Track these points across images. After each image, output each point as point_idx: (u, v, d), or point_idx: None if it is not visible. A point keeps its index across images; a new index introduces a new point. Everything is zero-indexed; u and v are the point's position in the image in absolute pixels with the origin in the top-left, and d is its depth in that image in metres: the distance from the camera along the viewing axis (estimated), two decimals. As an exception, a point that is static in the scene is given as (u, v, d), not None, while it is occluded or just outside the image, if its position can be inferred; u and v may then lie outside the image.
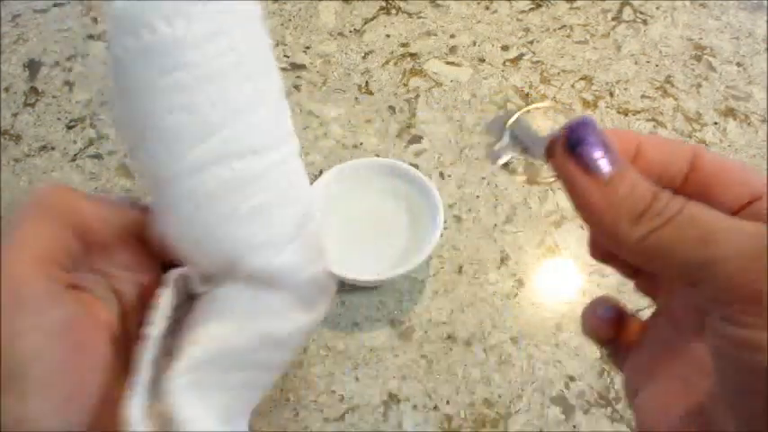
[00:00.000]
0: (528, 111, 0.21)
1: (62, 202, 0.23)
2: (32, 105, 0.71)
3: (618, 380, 0.50)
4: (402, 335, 0.52)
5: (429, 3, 0.79)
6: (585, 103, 0.69)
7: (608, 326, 0.26)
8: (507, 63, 0.73)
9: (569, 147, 0.19)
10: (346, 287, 0.53)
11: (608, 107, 0.68)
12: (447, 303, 0.54)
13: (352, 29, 0.77)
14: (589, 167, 0.18)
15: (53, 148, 0.66)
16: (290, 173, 0.26)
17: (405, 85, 0.71)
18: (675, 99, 0.69)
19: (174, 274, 0.24)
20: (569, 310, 0.53)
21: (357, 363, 0.50)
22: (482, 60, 0.73)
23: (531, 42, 0.75)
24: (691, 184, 0.21)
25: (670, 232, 0.17)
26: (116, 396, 0.22)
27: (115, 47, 0.22)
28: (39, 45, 0.77)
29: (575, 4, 0.79)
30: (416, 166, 0.60)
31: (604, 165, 0.18)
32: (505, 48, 0.75)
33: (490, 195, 0.61)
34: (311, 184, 0.55)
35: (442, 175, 0.63)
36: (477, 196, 0.61)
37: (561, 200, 0.61)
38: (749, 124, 0.67)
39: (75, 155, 0.66)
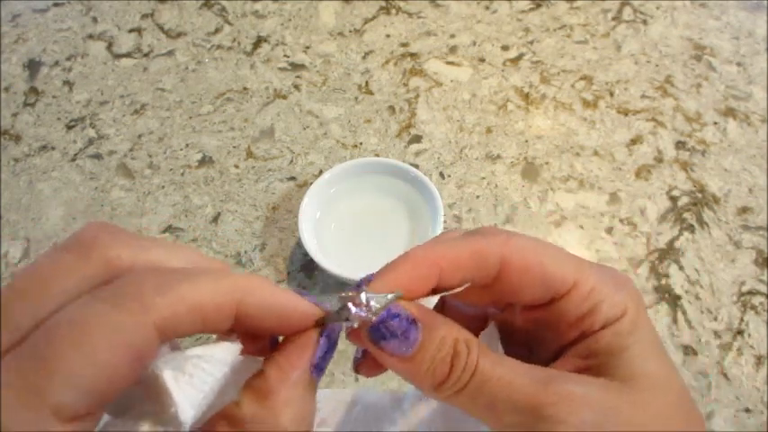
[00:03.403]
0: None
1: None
2: (32, 105, 0.71)
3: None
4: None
5: (429, 3, 0.79)
6: (585, 103, 0.69)
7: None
8: (507, 63, 0.73)
9: (374, 341, 0.20)
10: (347, 287, 0.53)
11: (608, 107, 0.68)
12: (447, 303, 0.54)
13: (352, 29, 0.77)
14: (393, 354, 0.20)
15: (53, 148, 0.67)
16: None
17: (405, 85, 0.71)
18: (675, 99, 0.69)
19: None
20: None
21: (357, 363, 0.51)
22: (482, 60, 0.73)
23: (531, 42, 0.75)
24: (498, 291, 0.22)
25: (463, 399, 0.20)
26: None
27: None
28: (39, 45, 0.77)
29: (575, 4, 0.79)
30: (416, 166, 0.60)
31: (406, 350, 0.20)
32: (505, 48, 0.75)
33: (490, 195, 0.61)
34: (311, 184, 0.55)
35: (442, 175, 0.63)
36: (478, 196, 0.61)
37: (561, 200, 0.61)
38: (749, 124, 0.67)
39: (74, 155, 0.66)
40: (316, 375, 0.20)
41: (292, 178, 0.63)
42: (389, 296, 0.21)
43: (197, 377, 0.18)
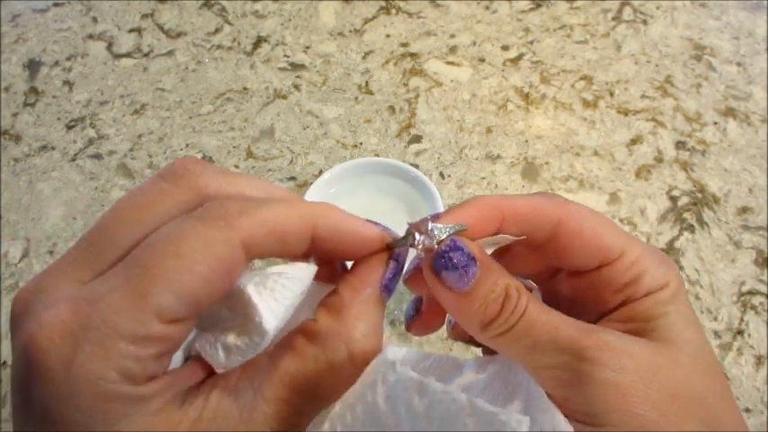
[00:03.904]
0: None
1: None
2: (32, 105, 0.71)
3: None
4: (402, 335, 0.52)
5: (429, 3, 0.79)
6: (585, 103, 0.69)
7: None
8: (507, 63, 0.73)
9: (435, 269, 0.21)
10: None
11: (608, 107, 0.68)
12: (447, 303, 0.54)
13: (352, 29, 0.77)
14: (453, 287, 0.21)
15: (53, 148, 0.67)
16: None
17: (405, 85, 0.71)
18: (675, 99, 0.69)
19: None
20: (569, 309, 0.53)
21: (357, 363, 0.50)
22: (482, 60, 0.73)
23: (531, 42, 0.75)
24: (551, 249, 0.23)
25: (506, 340, 0.21)
26: None
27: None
28: (39, 45, 0.77)
29: (575, 4, 0.79)
30: (416, 166, 0.60)
31: (463, 284, 0.21)
32: (505, 48, 0.75)
33: (490, 195, 0.61)
34: (311, 184, 0.55)
35: (442, 175, 0.63)
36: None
37: (561, 200, 0.61)
38: (749, 124, 0.67)
39: (75, 155, 0.66)
40: (385, 296, 0.22)
41: (292, 178, 0.63)
42: (453, 227, 0.22)
43: (278, 292, 0.19)
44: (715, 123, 0.67)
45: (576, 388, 0.19)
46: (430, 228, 0.22)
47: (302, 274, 0.20)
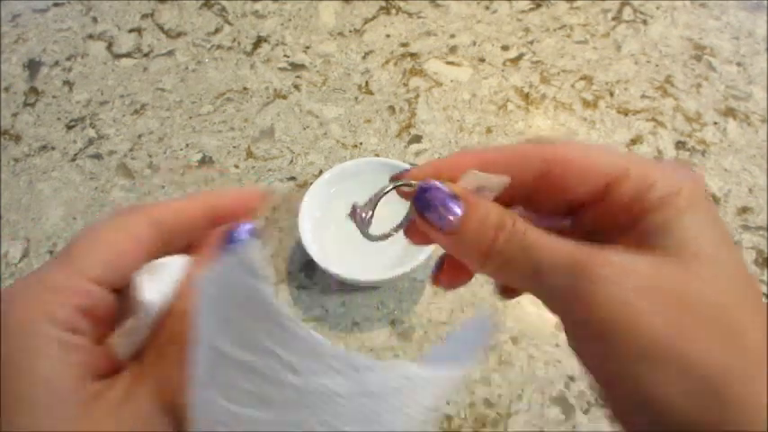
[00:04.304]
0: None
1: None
2: (32, 105, 0.71)
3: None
4: (402, 335, 0.52)
5: (429, 3, 0.79)
6: (585, 103, 0.69)
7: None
8: (507, 63, 0.73)
9: (419, 211, 0.22)
10: (347, 287, 0.53)
11: (608, 107, 0.68)
12: (447, 303, 0.54)
13: (352, 29, 0.77)
14: (437, 225, 0.22)
15: (53, 148, 0.67)
16: None
17: (405, 85, 0.71)
18: (675, 99, 0.69)
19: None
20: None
21: (357, 363, 0.50)
22: (482, 60, 0.73)
23: (531, 42, 0.75)
24: (548, 187, 0.23)
25: (511, 269, 0.21)
26: None
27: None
28: (39, 45, 0.77)
29: (575, 4, 0.79)
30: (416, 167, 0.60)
31: (448, 222, 0.22)
32: (505, 48, 0.75)
33: (490, 195, 0.61)
34: (311, 184, 0.55)
35: (441, 175, 0.63)
36: (477, 196, 0.61)
37: (561, 200, 0.61)
38: (749, 124, 0.67)
39: (74, 155, 0.66)
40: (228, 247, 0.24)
41: (292, 178, 0.63)
42: (381, 190, 0.25)
43: (161, 275, 0.23)
44: (715, 123, 0.67)
45: (582, 307, 0.19)
46: (357, 210, 0.25)
47: (182, 262, 0.24)
